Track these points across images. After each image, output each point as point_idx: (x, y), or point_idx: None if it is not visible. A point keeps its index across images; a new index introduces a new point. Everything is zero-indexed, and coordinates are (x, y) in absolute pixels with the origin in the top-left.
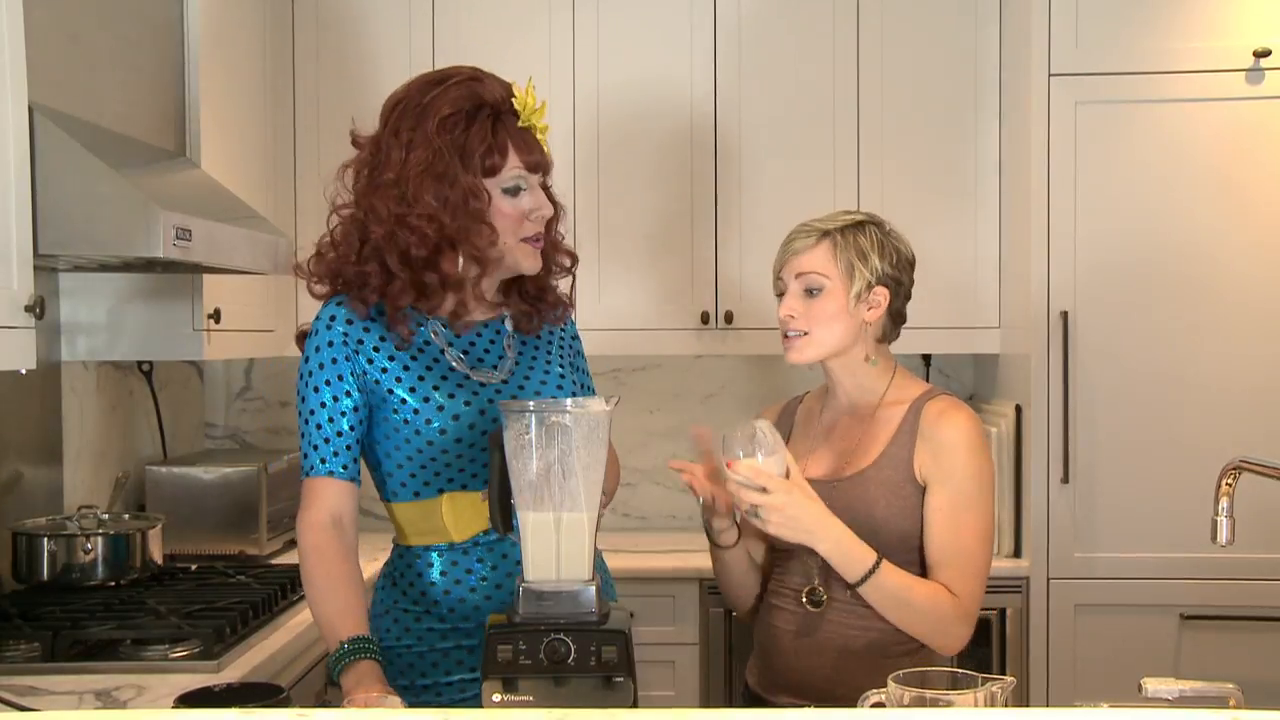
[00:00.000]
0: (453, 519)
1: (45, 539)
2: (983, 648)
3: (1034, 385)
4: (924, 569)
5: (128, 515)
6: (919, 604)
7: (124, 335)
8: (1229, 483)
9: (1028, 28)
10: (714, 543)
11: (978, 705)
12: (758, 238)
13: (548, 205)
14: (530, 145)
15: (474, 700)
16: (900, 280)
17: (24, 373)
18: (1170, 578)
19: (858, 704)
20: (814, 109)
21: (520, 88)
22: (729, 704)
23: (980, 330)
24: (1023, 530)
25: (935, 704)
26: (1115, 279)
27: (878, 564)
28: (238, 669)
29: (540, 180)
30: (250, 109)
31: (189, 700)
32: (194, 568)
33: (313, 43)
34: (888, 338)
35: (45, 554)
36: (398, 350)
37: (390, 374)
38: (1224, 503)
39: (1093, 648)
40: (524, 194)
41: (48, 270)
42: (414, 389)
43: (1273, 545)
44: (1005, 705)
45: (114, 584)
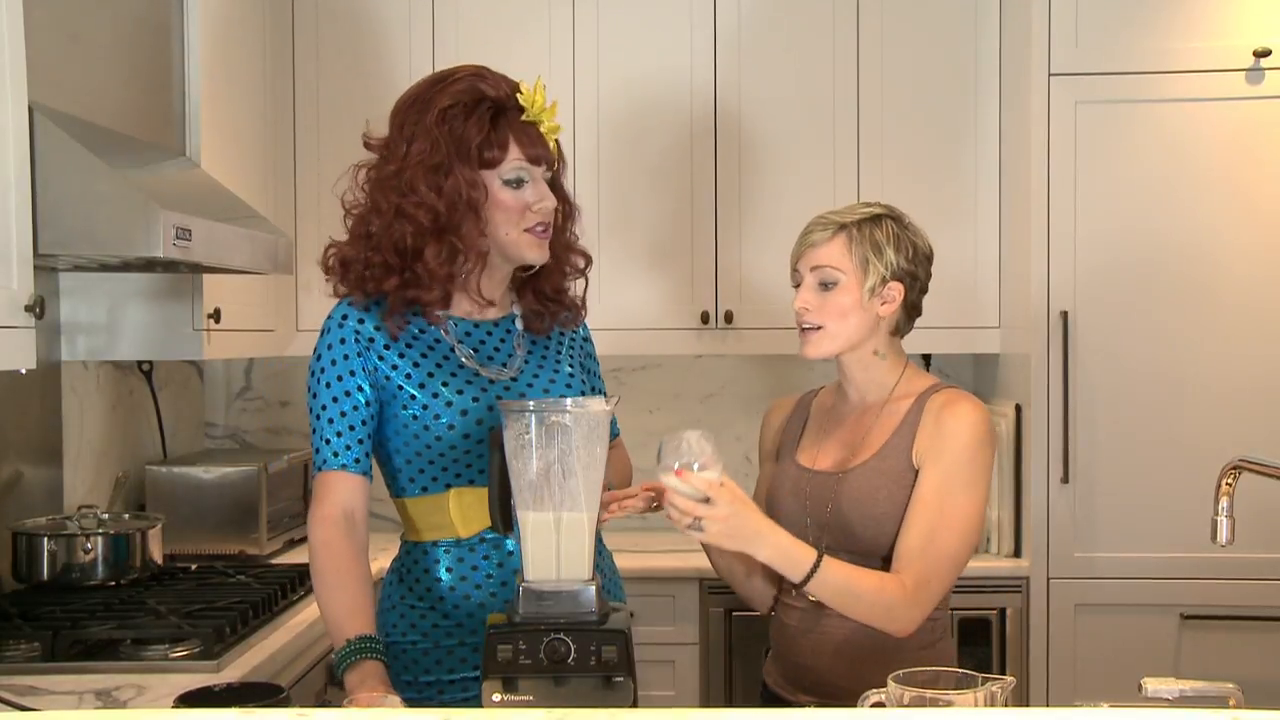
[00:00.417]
0: (459, 514)
1: (45, 539)
2: (983, 648)
3: (1034, 385)
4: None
5: (128, 515)
6: (865, 595)
7: (124, 335)
8: (1229, 482)
9: (1028, 27)
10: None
11: (978, 705)
12: (758, 238)
13: (551, 197)
14: (533, 139)
15: (476, 699)
16: (915, 274)
17: (24, 372)
18: (1170, 577)
19: (858, 704)
20: (814, 109)
21: (528, 85)
22: (729, 704)
23: (980, 330)
24: (1022, 530)
25: (935, 704)
26: (1115, 279)
27: (819, 562)
28: (238, 669)
29: (545, 173)
30: (250, 109)
31: (189, 700)
32: (194, 567)
33: (313, 43)
34: (901, 331)
35: (45, 554)
36: (407, 348)
37: (400, 370)
38: (1224, 502)
39: (1093, 648)
40: (527, 186)
41: (48, 270)
42: (423, 385)
43: (1273, 545)
44: (1005, 705)
45: (114, 584)
